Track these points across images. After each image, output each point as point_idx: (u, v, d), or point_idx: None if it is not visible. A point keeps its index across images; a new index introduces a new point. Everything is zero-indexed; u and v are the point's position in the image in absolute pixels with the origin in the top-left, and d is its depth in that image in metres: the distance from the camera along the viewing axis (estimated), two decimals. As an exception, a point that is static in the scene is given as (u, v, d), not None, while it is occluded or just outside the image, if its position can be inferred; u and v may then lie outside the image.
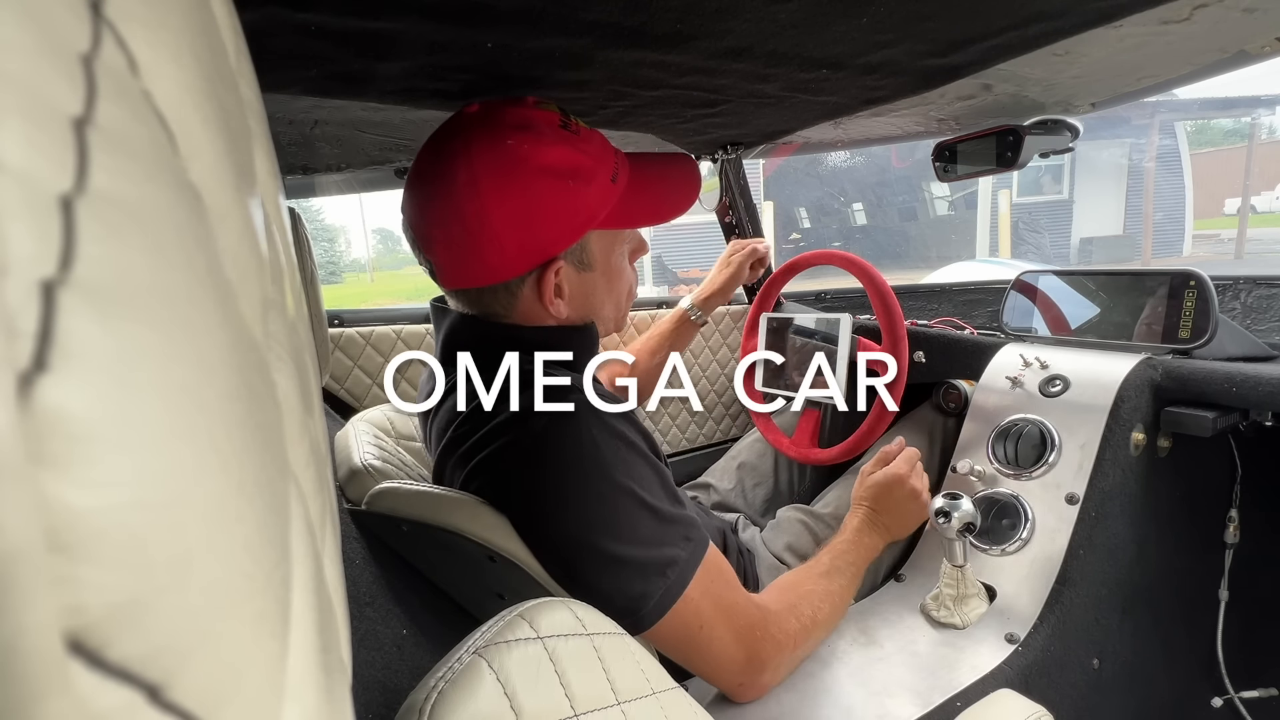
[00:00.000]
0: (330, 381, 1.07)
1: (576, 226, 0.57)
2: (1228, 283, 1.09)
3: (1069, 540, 0.79)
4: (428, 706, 0.31)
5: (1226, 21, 0.57)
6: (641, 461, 0.55)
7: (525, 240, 0.56)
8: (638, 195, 0.62)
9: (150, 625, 0.08)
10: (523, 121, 0.55)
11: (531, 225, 0.55)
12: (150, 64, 0.10)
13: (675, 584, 0.53)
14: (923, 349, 1.12)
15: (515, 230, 0.55)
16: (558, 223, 0.56)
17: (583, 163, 0.57)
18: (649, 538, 0.52)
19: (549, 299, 0.58)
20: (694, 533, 0.56)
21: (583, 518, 0.51)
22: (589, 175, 0.57)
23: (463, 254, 0.56)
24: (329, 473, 0.21)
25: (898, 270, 9.15)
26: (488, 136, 0.54)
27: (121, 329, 0.08)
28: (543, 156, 0.54)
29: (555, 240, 0.57)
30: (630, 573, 0.51)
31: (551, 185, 0.55)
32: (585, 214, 0.57)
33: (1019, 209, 10.87)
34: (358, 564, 0.55)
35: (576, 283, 0.61)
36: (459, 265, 0.58)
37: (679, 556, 0.53)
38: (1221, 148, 14.35)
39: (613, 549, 0.51)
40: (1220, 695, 0.93)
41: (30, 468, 0.07)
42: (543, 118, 0.56)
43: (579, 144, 0.57)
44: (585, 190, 0.57)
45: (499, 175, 0.54)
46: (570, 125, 0.58)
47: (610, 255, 0.62)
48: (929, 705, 0.64)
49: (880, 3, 0.49)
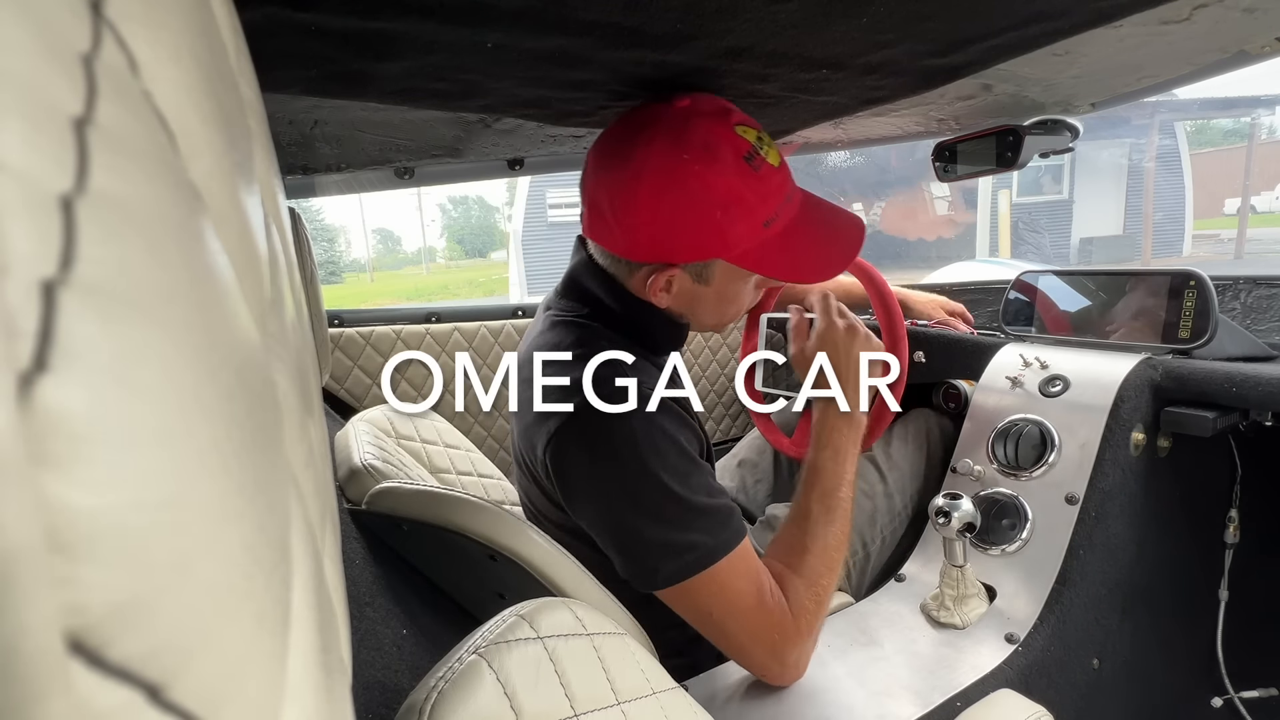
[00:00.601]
0: (330, 381, 1.07)
1: (706, 251, 0.61)
2: (1228, 283, 1.09)
3: (1069, 540, 0.79)
4: (428, 706, 0.31)
5: (1226, 21, 0.57)
6: (678, 453, 0.58)
7: (656, 240, 0.60)
8: (783, 248, 0.62)
9: (150, 625, 0.08)
10: (710, 142, 0.58)
11: (666, 232, 0.59)
12: (150, 64, 0.10)
13: (690, 565, 0.56)
14: (923, 349, 1.12)
15: (651, 229, 0.59)
16: (690, 242, 0.60)
17: (743, 199, 0.59)
18: (675, 522, 0.56)
19: (655, 291, 0.63)
20: (727, 526, 0.58)
21: (616, 494, 0.56)
22: (743, 213, 0.59)
23: (603, 218, 0.62)
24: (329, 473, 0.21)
25: (898, 270, 9.15)
26: (671, 143, 0.57)
27: (122, 329, 0.08)
28: (707, 184, 0.57)
29: (680, 253, 0.61)
30: (654, 548, 0.56)
31: (701, 211, 0.58)
32: (720, 245, 0.60)
33: (1019, 209, 10.87)
34: (358, 564, 0.55)
35: (688, 290, 0.64)
36: (599, 224, 0.63)
37: (702, 543, 0.56)
38: (1221, 148, 14.36)
39: (639, 529, 0.56)
40: (1220, 695, 0.93)
41: (30, 468, 0.07)
42: (731, 145, 0.58)
43: (751, 181, 0.59)
44: (731, 225, 0.59)
45: (661, 182, 0.57)
46: (755, 160, 0.59)
47: (730, 282, 0.65)
48: (929, 705, 0.64)
49: (880, 3, 0.49)
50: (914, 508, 1.01)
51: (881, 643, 0.73)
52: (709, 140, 0.58)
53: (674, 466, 0.57)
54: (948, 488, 0.95)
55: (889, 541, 0.98)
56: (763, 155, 0.60)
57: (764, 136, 0.61)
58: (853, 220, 0.69)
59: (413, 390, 1.13)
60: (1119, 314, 0.97)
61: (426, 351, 1.14)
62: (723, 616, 0.58)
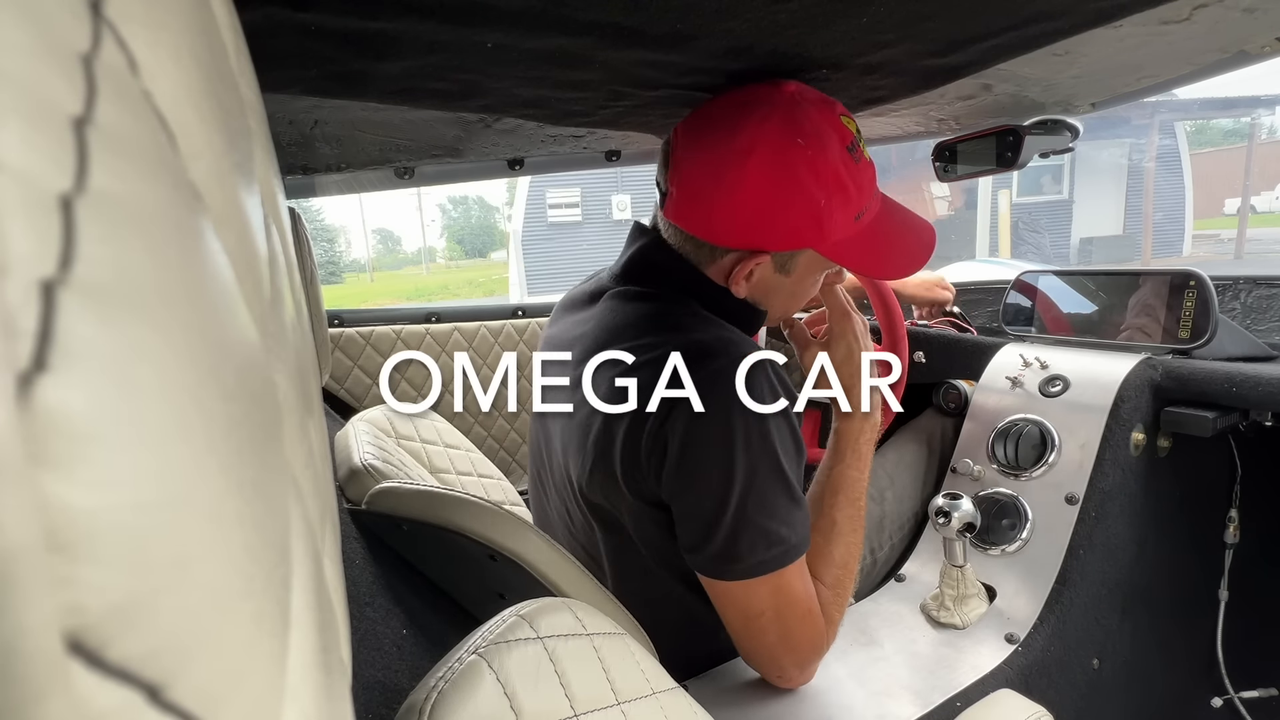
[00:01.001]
0: (330, 381, 1.07)
1: (802, 240, 0.60)
2: (1228, 283, 1.09)
3: (1069, 540, 0.79)
4: (428, 706, 0.31)
5: (1226, 21, 0.57)
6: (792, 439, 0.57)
7: (754, 225, 0.59)
8: (868, 243, 0.63)
9: (150, 625, 0.08)
10: (818, 129, 0.57)
11: (767, 217, 0.58)
12: (150, 64, 0.10)
13: (775, 559, 0.55)
14: (923, 349, 1.12)
15: (751, 213, 0.58)
16: (788, 228, 0.59)
17: (845, 189, 0.59)
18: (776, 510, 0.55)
19: (738, 279, 0.61)
20: (806, 527, 0.58)
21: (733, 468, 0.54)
22: (841, 203, 0.59)
23: (698, 199, 0.59)
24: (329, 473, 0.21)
25: (898, 270, 9.11)
26: (784, 125, 0.57)
27: (121, 329, 0.08)
28: (816, 170, 0.57)
29: (777, 240, 0.60)
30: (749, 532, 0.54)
31: (805, 196, 0.57)
32: (815, 233, 0.59)
33: (1019, 209, 10.86)
34: (358, 564, 0.55)
35: (769, 279, 0.63)
36: (688, 205, 0.60)
37: (789, 539, 0.56)
38: (1221, 148, 14.36)
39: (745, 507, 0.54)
40: (1220, 695, 0.93)
41: (30, 468, 0.07)
42: (838, 134, 0.58)
43: (853, 171, 0.59)
44: (829, 214, 0.59)
45: (771, 163, 0.56)
46: (856, 150, 0.60)
47: (810, 274, 0.64)
48: (929, 705, 0.64)
49: (880, 3, 0.49)
50: (918, 510, 1.01)
51: (881, 643, 0.73)
52: (820, 127, 0.57)
53: (788, 449, 0.56)
54: (948, 488, 0.95)
55: (897, 546, 0.98)
56: (862, 148, 0.61)
57: (860, 131, 0.61)
58: (925, 223, 0.69)
59: (412, 390, 1.13)
60: (1119, 314, 0.97)
61: (426, 351, 1.14)
62: (771, 620, 0.57)
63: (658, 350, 0.55)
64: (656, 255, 0.64)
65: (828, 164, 0.57)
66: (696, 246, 0.62)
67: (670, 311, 0.61)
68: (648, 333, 0.59)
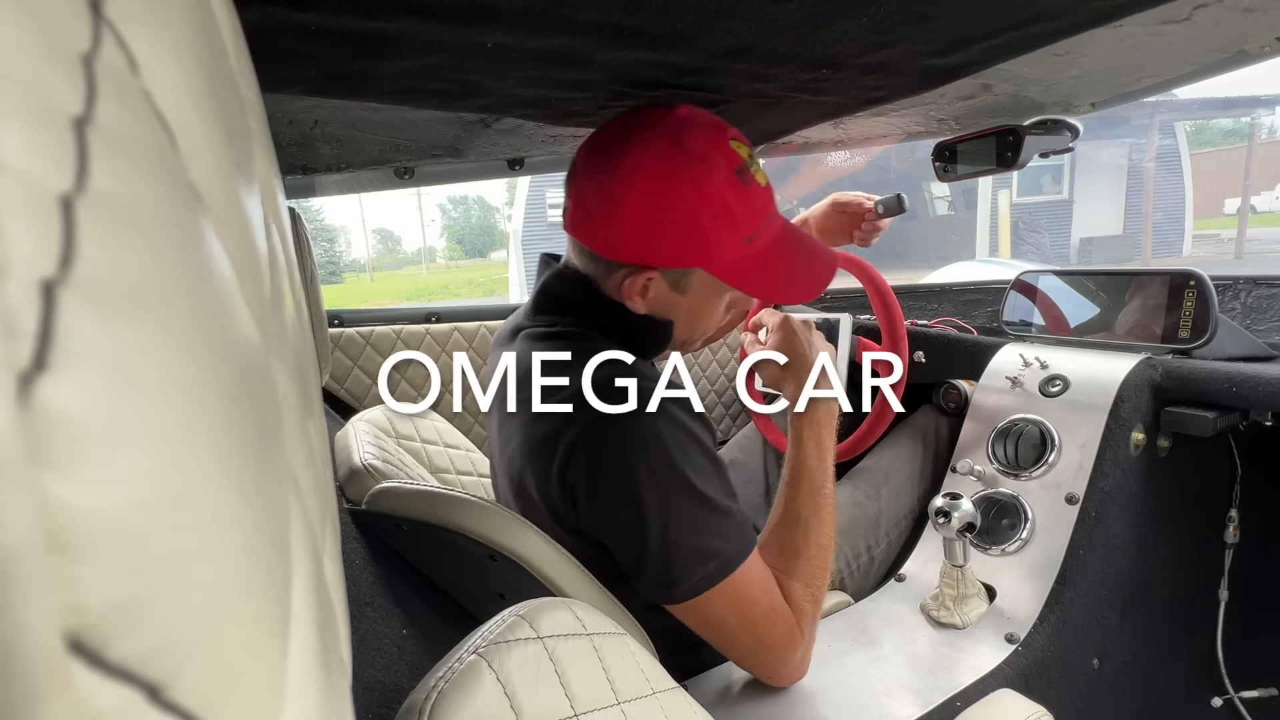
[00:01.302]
0: (330, 381, 1.07)
1: (688, 259, 0.61)
2: (1228, 283, 1.09)
3: (1069, 540, 0.79)
4: (428, 706, 0.31)
5: (1226, 21, 0.57)
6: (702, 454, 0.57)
7: (640, 241, 0.60)
8: (762, 266, 0.63)
9: (150, 625, 0.08)
10: (706, 152, 0.59)
11: (652, 233, 0.60)
12: (150, 64, 0.10)
13: (713, 574, 0.55)
14: (923, 349, 1.12)
15: (636, 230, 0.60)
16: (673, 245, 0.60)
17: (731, 211, 0.60)
18: (701, 527, 0.55)
19: (630, 294, 0.62)
20: (743, 532, 0.58)
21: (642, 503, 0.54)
22: (728, 224, 0.60)
23: (590, 215, 0.62)
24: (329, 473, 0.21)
25: (898, 270, 9.13)
26: (668, 147, 0.59)
27: (121, 329, 0.08)
28: (699, 191, 0.58)
29: (663, 257, 0.61)
30: (680, 556, 0.54)
31: (688, 217, 0.59)
32: (702, 253, 0.61)
33: (1019, 209, 10.86)
34: (358, 564, 0.55)
35: (665, 297, 0.64)
36: (583, 220, 0.63)
37: (724, 550, 0.56)
38: (1221, 148, 14.36)
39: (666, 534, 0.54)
40: (1220, 695, 0.93)
41: (30, 468, 0.07)
42: (725, 158, 0.60)
43: (741, 195, 0.60)
44: (716, 235, 0.60)
45: (654, 184, 0.58)
46: (745, 176, 0.61)
47: (707, 296, 0.65)
48: (929, 705, 0.64)
49: (880, 3, 0.49)
50: (915, 508, 1.01)
51: (881, 643, 0.73)
52: (705, 150, 0.59)
53: (698, 465, 0.56)
54: (948, 488, 0.95)
55: (894, 544, 0.98)
56: (753, 173, 0.62)
57: (754, 156, 0.63)
58: (826, 250, 0.71)
59: (412, 390, 1.13)
60: (1119, 314, 0.97)
61: (426, 351, 1.14)
62: (736, 626, 0.58)
63: (555, 399, 0.57)
64: (559, 287, 0.66)
65: (712, 187, 0.58)
66: (592, 260, 0.64)
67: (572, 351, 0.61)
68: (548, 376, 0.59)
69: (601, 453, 0.55)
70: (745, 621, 0.58)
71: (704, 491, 0.55)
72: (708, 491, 0.56)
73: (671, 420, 0.56)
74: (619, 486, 0.54)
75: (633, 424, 0.54)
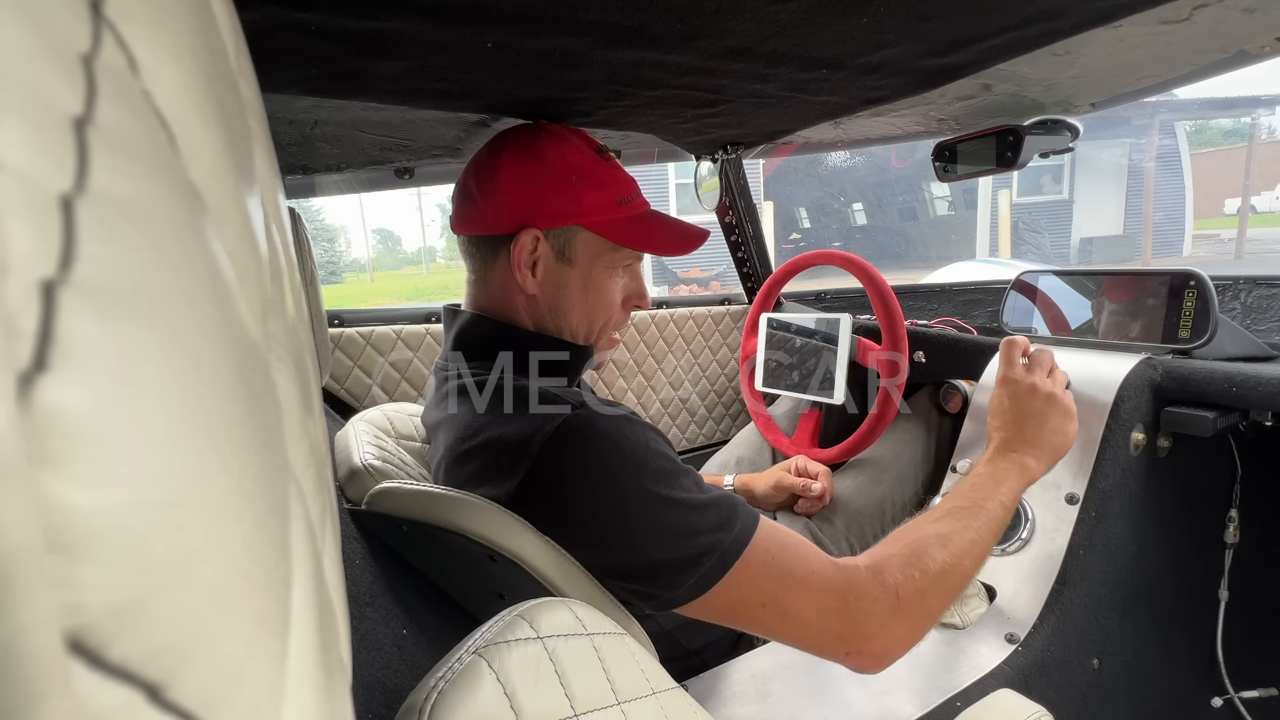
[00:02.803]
0: (330, 381, 1.06)
1: (565, 214, 0.63)
2: (1228, 283, 1.09)
3: (1069, 540, 0.79)
4: (428, 706, 0.31)
5: (1226, 21, 0.57)
6: (659, 456, 0.54)
7: (516, 204, 0.63)
8: (637, 226, 0.66)
9: (150, 625, 0.08)
10: (561, 133, 0.66)
11: (526, 194, 0.63)
12: (150, 64, 0.10)
13: (713, 570, 0.51)
14: (923, 349, 1.12)
15: (511, 194, 0.63)
16: (548, 201, 0.63)
17: (594, 172, 0.64)
18: (678, 532, 0.52)
19: (518, 263, 0.63)
20: (737, 513, 0.53)
21: (610, 524, 0.52)
22: (594, 184, 0.64)
23: (469, 201, 0.65)
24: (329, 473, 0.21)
25: (898, 270, 9.15)
26: (527, 132, 0.66)
27: (121, 329, 0.08)
28: (560, 153, 0.64)
29: (541, 215, 0.63)
30: (664, 570, 0.51)
31: (556, 172, 0.63)
32: (576, 206, 0.63)
33: (1019, 209, 10.87)
34: (358, 564, 0.55)
35: (552, 269, 0.65)
36: (463, 209, 0.66)
37: (718, 543, 0.51)
38: (1221, 148, 14.37)
39: (643, 556, 0.51)
40: (1220, 695, 0.93)
41: (30, 468, 0.07)
42: (581, 137, 0.66)
43: (601, 163, 0.65)
44: (585, 191, 0.64)
45: (519, 152, 0.64)
46: (604, 155, 0.66)
47: (594, 263, 0.65)
48: (929, 705, 0.64)
49: (880, 3, 0.49)
50: (915, 507, 1.01)
51: (881, 643, 0.73)
52: (561, 132, 0.66)
53: (660, 475, 0.53)
54: (948, 488, 0.95)
55: None
56: (610, 156, 0.67)
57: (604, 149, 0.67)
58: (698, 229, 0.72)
59: (412, 390, 1.13)
60: (1119, 314, 0.97)
61: (426, 352, 1.14)
62: (779, 599, 0.52)
63: (502, 453, 0.55)
64: (472, 330, 0.66)
65: (574, 154, 0.64)
66: (480, 248, 0.66)
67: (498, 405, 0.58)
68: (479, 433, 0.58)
69: (554, 507, 0.53)
70: (784, 590, 0.52)
71: (672, 502, 0.52)
72: (671, 501, 0.52)
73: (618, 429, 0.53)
74: (588, 523, 0.53)
75: (584, 447, 0.52)
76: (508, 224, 0.63)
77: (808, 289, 1.62)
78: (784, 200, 11.53)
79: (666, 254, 0.68)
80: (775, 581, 0.52)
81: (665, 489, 0.52)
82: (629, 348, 1.35)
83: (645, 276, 1.13)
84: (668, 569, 0.51)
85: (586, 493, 0.52)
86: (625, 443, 0.53)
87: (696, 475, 0.56)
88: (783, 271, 1.24)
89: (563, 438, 0.52)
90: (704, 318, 1.45)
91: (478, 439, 0.57)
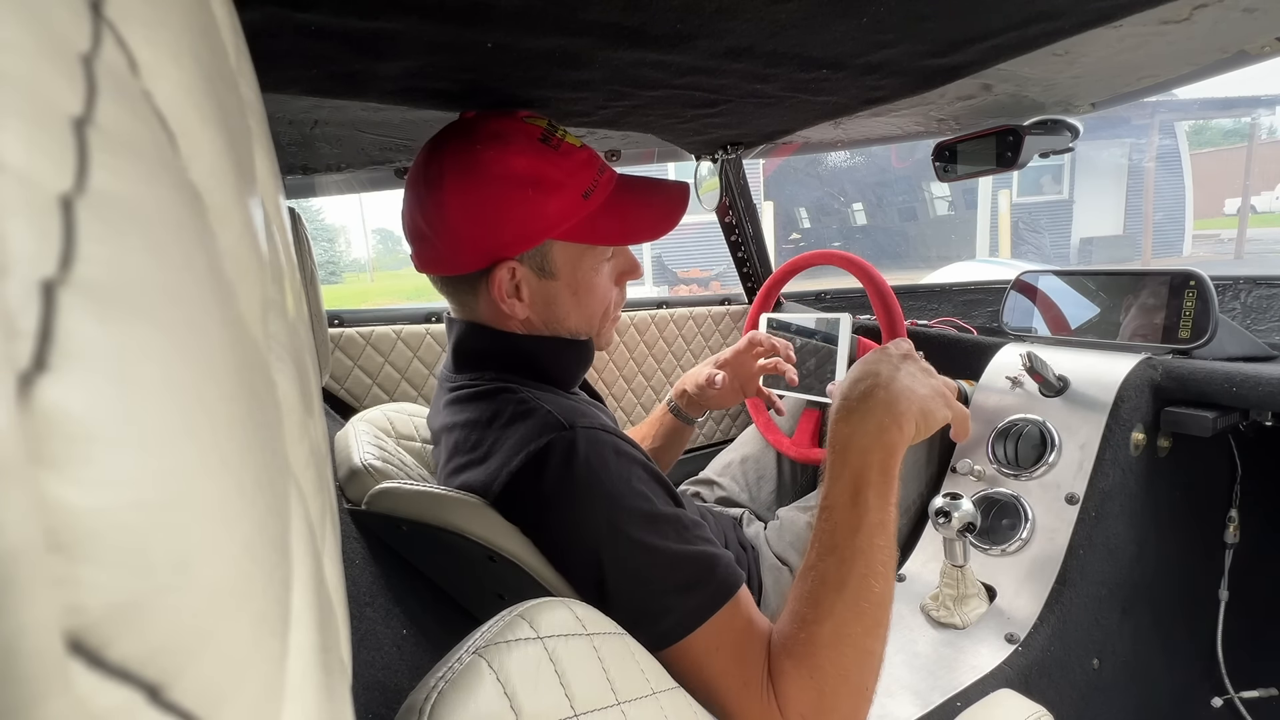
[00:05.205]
0: (330, 381, 1.06)
1: (533, 234, 0.59)
2: (1228, 283, 1.09)
3: (1069, 540, 0.79)
4: (428, 706, 0.31)
5: (1226, 21, 0.57)
6: (639, 497, 0.52)
7: (479, 238, 0.58)
8: (611, 214, 0.62)
9: (150, 625, 0.08)
10: (498, 131, 0.58)
11: (486, 225, 0.58)
12: (150, 64, 0.10)
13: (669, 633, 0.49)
14: (923, 349, 1.12)
15: (469, 227, 0.58)
16: (511, 227, 0.58)
17: (549, 174, 0.58)
18: (642, 580, 0.50)
19: (501, 296, 0.60)
20: (714, 575, 0.50)
21: (578, 557, 0.51)
22: (553, 187, 0.58)
23: (425, 242, 0.61)
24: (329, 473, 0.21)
25: (898, 270, 9.16)
26: (462, 141, 0.58)
27: (121, 329, 0.08)
28: (506, 164, 0.57)
29: (509, 243, 0.59)
30: (618, 614, 0.46)
31: (509, 191, 0.57)
32: (543, 223, 0.59)
33: (1019, 209, 10.87)
34: (358, 564, 0.55)
35: (537, 288, 0.61)
36: (422, 251, 0.62)
37: (679, 605, 0.49)
38: (1221, 148, 14.36)
39: (600, 593, 0.50)
40: (1220, 695, 0.93)
41: (30, 467, 0.07)
42: (522, 130, 0.59)
43: (552, 158, 0.59)
44: (546, 201, 0.58)
45: (460, 176, 0.57)
46: (552, 140, 0.60)
47: (578, 268, 0.62)
48: (929, 705, 0.64)
49: (880, 3, 0.49)
50: (915, 507, 1.01)
51: (881, 643, 0.73)
52: (498, 130, 0.58)
53: (650, 511, 0.51)
54: (948, 488, 0.95)
55: (898, 538, 0.98)
56: (559, 137, 0.60)
57: (555, 123, 0.61)
58: (674, 184, 0.67)
59: (412, 390, 1.13)
60: (1119, 314, 0.97)
61: (426, 352, 1.14)
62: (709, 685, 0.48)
63: (488, 467, 0.55)
64: (467, 342, 0.64)
65: (518, 160, 0.57)
66: (455, 287, 0.62)
67: (490, 420, 0.58)
68: (477, 447, 0.58)
69: (550, 530, 0.52)
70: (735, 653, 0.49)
71: (660, 547, 0.50)
72: (659, 543, 0.50)
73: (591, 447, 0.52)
74: (576, 548, 0.51)
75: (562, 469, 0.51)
76: (476, 261, 0.59)
77: (808, 289, 1.62)
78: (784, 200, 11.53)
79: (650, 238, 0.64)
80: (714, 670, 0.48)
81: (638, 532, 0.50)
82: (629, 348, 1.35)
83: (645, 277, 1.12)
84: (623, 615, 0.45)
85: (560, 522, 0.52)
86: (607, 475, 0.51)
87: (682, 521, 0.52)
88: (783, 271, 1.24)
89: (545, 460, 0.52)
90: (704, 318, 1.45)
91: (471, 454, 0.58)
